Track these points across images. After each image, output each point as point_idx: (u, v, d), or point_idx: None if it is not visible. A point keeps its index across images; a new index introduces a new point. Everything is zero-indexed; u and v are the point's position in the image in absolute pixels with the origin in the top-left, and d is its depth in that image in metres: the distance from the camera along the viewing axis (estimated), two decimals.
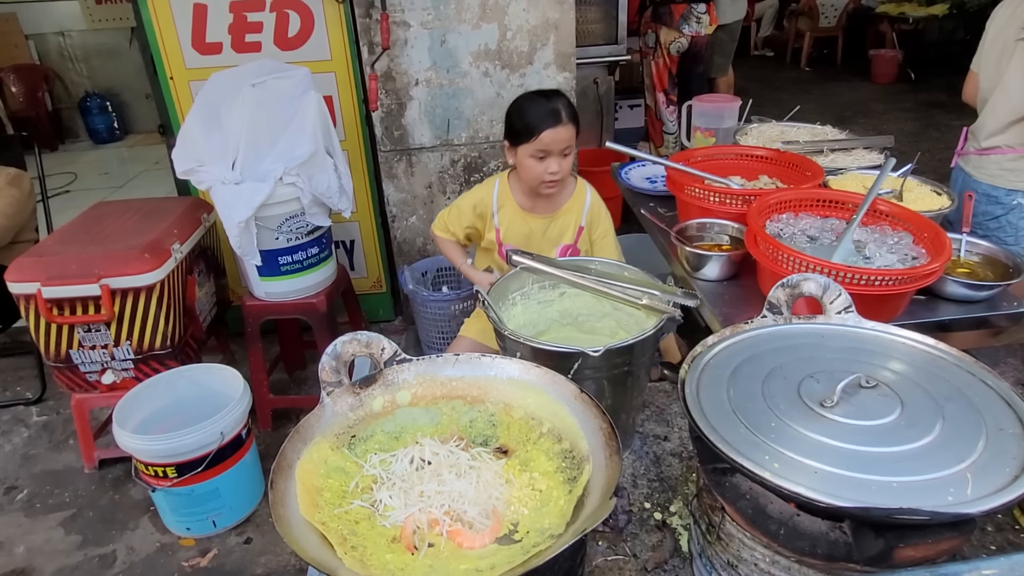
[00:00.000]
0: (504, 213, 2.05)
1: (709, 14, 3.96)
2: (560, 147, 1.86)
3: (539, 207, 2.05)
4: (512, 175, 2.07)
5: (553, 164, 1.88)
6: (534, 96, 1.95)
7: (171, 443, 1.87)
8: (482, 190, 2.09)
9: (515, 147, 1.92)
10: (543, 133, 1.84)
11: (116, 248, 2.14)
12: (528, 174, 1.92)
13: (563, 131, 1.85)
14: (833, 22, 8.25)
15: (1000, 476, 0.90)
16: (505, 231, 2.05)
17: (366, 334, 1.17)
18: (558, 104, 1.87)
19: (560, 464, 1.07)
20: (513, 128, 1.92)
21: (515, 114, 1.93)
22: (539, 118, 1.85)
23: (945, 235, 1.55)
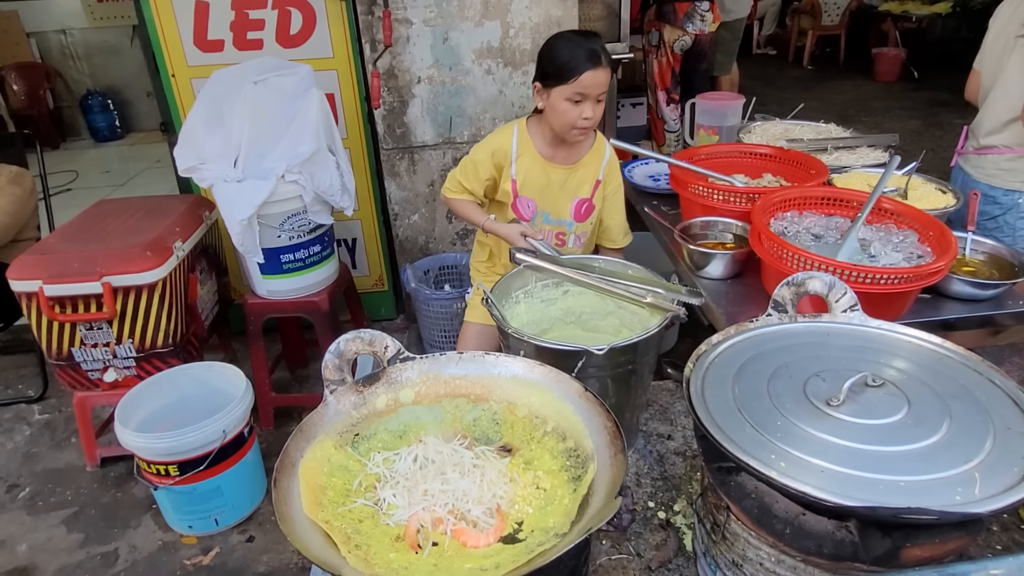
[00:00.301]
0: (523, 162, 1.93)
1: (713, 12, 3.95)
2: (597, 91, 1.77)
3: (560, 156, 1.94)
4: (533, 121, 1.95)
5: (588, 109, 1.78)
6: (572, 35, 1.84)
7: (173, 441, 1.87)
8: (500, 137, 1.95)
9: (548, 89, 1.81)
10: (583, 75, 1.73)
11: (118, 246, 2.14)
12: (561, 119, 1.81)
13: (602, 74, 1.75)
14: (836, 20, 8.23)
15: (1008, 475, 0.90)
16: (522, 181, 1.94)
17: (369, 332, 1.16)
18: (597, 46, 1.76)
19: (564, 463, 1.06)
20: (548, 68, 1.80)
21: (551, 53, 1.80)
22: (579, 59, 1.74)
23: (951, 233, 1.54)
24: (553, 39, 1.84)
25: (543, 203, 1.98)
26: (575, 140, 1.89)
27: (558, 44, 1.81)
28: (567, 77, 1.75)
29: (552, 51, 1.80)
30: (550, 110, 1.83)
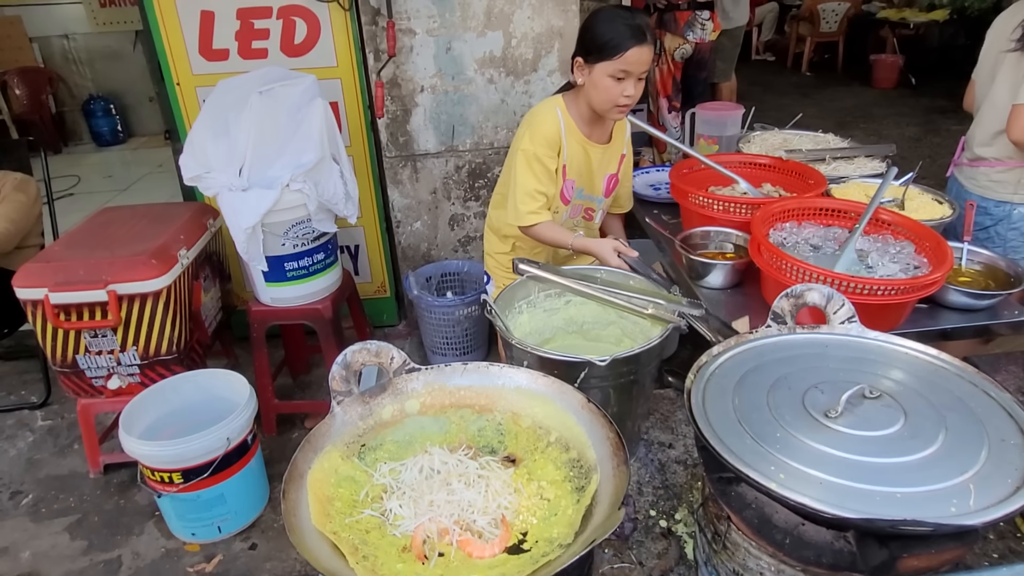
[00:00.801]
0: (569, 143, 1.87)
1: (713, 21, 3.98)
2: (641, 69, 1.73)
3: (596, 134, 1.91)
4: (569, 98, 1.89)
5: (630, 87, 1.74)
6: (618, 10, 1.77)
7: (177, 449, 1.89)
8: (546, 122, 1.85)
9: (591, 65, 1.75)
10: (629, 51, 1.69)
11: (123, 254, 2.15)
12: (602, 96, 1.76)
13: (647, 51, 1.72)
14: (834, 27, 8.27)
15: (1002, 487, 0.92)
16: (569, 164, 1.88)
17: (375, 343, 1.18)
18: (642, 22, 1.72)
19: (568, 473, 1.08)
20: (593, 43, 1.74)
21: (597, 29, 1.74)
22: (625, 35, 1.69)
23: (946, 245, 1.56)
24: (597, 13, 1.78)
25: (580, 181, 1.95)
26: (615, 118, 1.86)
27: (603, 19, 1.75)
28: (612, 53, 1.71)
29: (597, 26, 1.75)
30: (592, 86, 1.78)
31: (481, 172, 2.90)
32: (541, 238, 1.89)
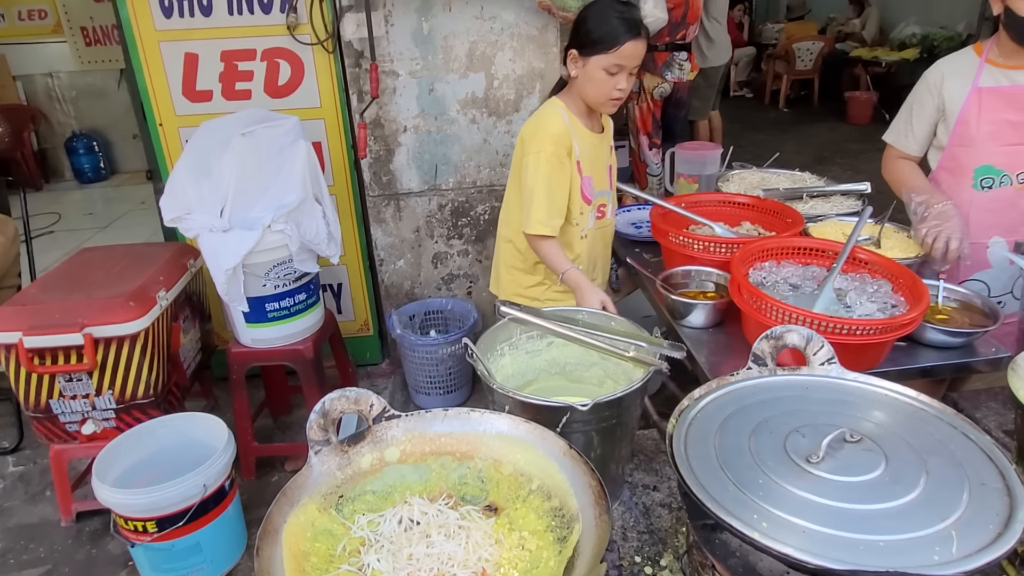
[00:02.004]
0: (579, 139, 1.85)
1: (690, 61, 4.08)
2: (635, 63, 1.74)
3: (595, 125, 1.91)
4: (566, 95, 1.88)
5: (623, 80, 1.75)
6: (612, 3, 1.76)
7: (151, 497, 1.84)
8: (553, 122, 1.81)
9: (586, 58, 1.75)
10: (625, 45, 1.69)
11: (100, 296, 2.13)
12: (596, 89, 1.77)
13: (641, 45, 1.72)
14: (809, 65, 8.52)
15: (984, 533, 0.91)
16: (582, 158, 1.86)
17: (355, 390, 1.17)
18: (637, 15, 1.73)
19: (550, 523, 1.06)
20: (588, 36, 1.73)
21: (592, 21, 1.73)
22: (621, 28, 1.69)
23: (922, 283, 1.58)
24: (593, 8, 1.78)
25: (593, 175, 1.93)
26: (607, 111, 1.86)
27: (598, 12, 1.74)
28: (609, 46, 1.70)
29: (593, 18, 1.74)
30: (586, 79, 1.78)
31: (464, 211, 2.91)
32: (541, 252, 1.87)
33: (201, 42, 2.62)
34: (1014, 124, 1.85)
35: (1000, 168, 1.90)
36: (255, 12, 2.61)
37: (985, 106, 1.87)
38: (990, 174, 1.91)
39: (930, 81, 1.98)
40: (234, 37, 2.63)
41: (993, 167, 1.90)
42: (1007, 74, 1.84)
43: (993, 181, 1.92)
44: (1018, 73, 1.83)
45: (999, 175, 1.91)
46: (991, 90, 1.86)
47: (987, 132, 1.88)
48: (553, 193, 1.81)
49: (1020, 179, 1.90)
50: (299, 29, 2.61)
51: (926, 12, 7.88)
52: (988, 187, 1.93)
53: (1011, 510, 0.95)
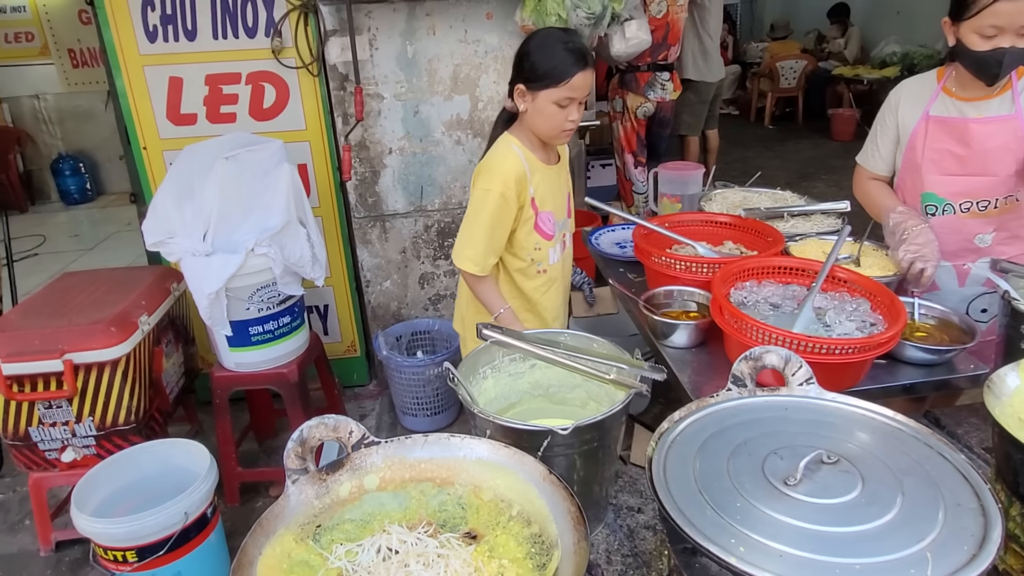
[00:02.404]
0: (534, 176, 1.81)
1: (673, 81, 4.13)
2: (585, 93, 1.71)
3: (551, 156, 1.89)
4: (518, 130, 1.84)
5: (574, 111, 1.72)
6: (556, 33, 1.73)
7: (132, 526, 1.81)
8: (506, 161, 1.77)
9: (534, 92, 1.71)
10: (574, 77, 1.66)
11: (81, 321, 2.11)
12: (548, 123, 1.74)
13: (590, 75, 1.70)
14: (793, 83, 8.64)
15: (959, 555, 0.91)
16: (538, 195, 1.83)
17: (334, 418, 1.16)
18: (582, 45, 1.69)
19: (529, 549, 1.06)
20: (534, 70, 1.69)
21: (537, 55, 1.69)
22: (569, 60, 1.65)
23: (900, 302, 1.60)
24: (535, 39, 1.74)
25: (554, 209, 1.91)
26: (559, 143, 1.85)
27: (544, 46, 1.70)
28: (558, 80, 1.67)
29: (537, 52, 1.70)
30: (536, 114, 1.74)
31: (450, 231, 2.92)
32: (474, 288, 1.86)
33: (186, 66, 2.63)
34: (956, 156, 1.85)
35: (942, 197, 1.91)
36: (240, 36, 2.62)
37: (931, 134, 1.87)
38: (933, 201, 1.93)
39: (892, 102, 2.00)
40: (219, 61, 2.64)
41: (936, 195, 1.92)
42: (957, 105, 1.84)
43: (936, 208, 1.93)
44: (967, 105, 1.82)
45: (941, 203, 1.92)
46: (938, 119, 1.86)
47: (930, 160, 1.89)
48: (493, 234, 1.79)
49: (963, 208, 1.90)
50: (284, 53, 2.63)
51: (906, 31, 8.03)
52: (932, 214, 1.94)
53: (985, 530, 0.95)
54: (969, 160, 1.84)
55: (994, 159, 1.81)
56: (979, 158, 1.82)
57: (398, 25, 2.61)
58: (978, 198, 1.89)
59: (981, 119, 1.80)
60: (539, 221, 1.87)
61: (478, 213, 1.78)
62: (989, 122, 1.80)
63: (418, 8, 2.59)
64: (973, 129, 1.81)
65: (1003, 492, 1.28)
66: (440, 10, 2.61)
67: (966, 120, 1.82)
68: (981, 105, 1.81)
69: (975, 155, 1.82)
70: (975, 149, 1.82)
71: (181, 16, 2.58)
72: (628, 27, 3.28)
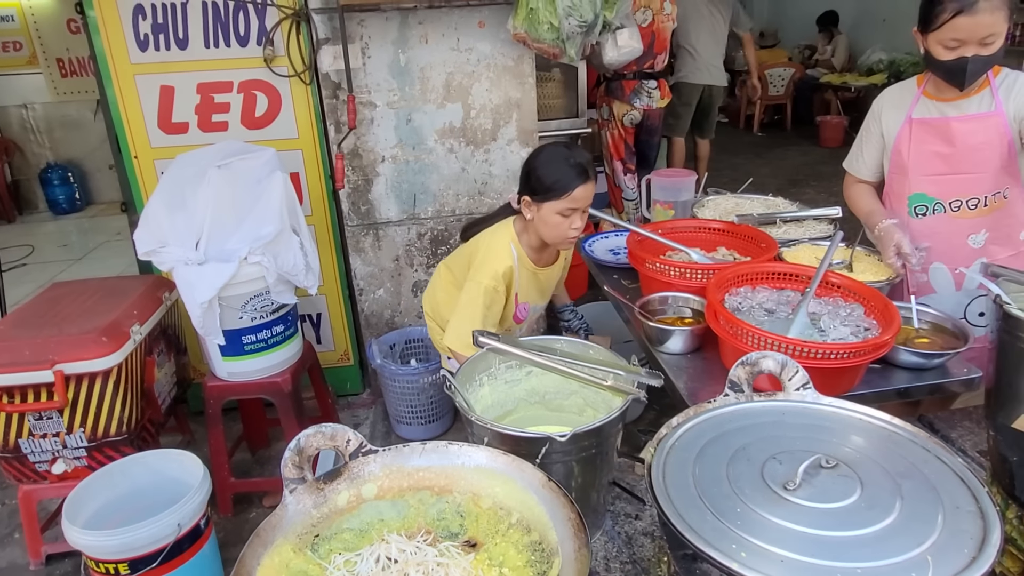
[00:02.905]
0: (521, 275, 1.99)
1: (660, 89, 4.16)
2: (587, 203, 1.86)
3: (545, 258, 2.05)
4: (521, 228, 2.00)
5: (577, 220, 1.87)
6: (559, 150, 1.89)
7: (124, 538, 1.78)
8: (500, 258, 1.95)
9: (539, 203, 1.87)
10: (576, 190, 1.81)
11: (72, 331, 2.08)
12: (553, 232, 1.89)
13: (591, 187, 1.85)
14: (781, 90, 8.71)
15: (959, 557, 0.92)
16: (521, 290, 2.01)
17: (331, 426, 1.16)
18: (583, 159, 1.85)
19: (529, 557, 1.05)
20: (539, 184, 1.85)
21: (541, 170, 1.86)
22: (570, 176, 1.81)
23: (893, 306, 1.61)
24: (541, 156, 1.90)
25: (532, 300, 2.10)
26: (565, 248, 2.00)
27: (547, 161, 1.86)
28: (560, 193, 1.82)
29: (542, 168, 1.86)
30: (541, 223, 1.90)
31: (443, 239, 2.92)
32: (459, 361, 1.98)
33: (177, 75, 2.62)
34: (942, 155, 1.90)
35: (932, 196, 1.95)
36: (232, 45, 2.62)
37: (915, 136, 1.93)
38: (923, 202, 1.97)
39: (875, 110, 2.06)
40: (210, 70, 2.63)
41: (925, 195, 1.96)
42: (938, 107, 1.90)
43: (926, 209, 1.98)
44: (947, 106, 1.88)
45: (931, 203, 1.96)
46: (921, 121, 1.92)
47: (917, 162, 1.94)
48: (485, 321, 1.92)
49: (953, 207, 1.94)
50: (276, 61, 2.63)
51: (892, 39, 8.12)
52: (922, 214, 1.99)
53: (985, 533, 0.95)
54: (955, 158, 1.89)
55: (979, 156, 1.86)
56: (964, 155, 1.87)
57: (390, 33, 2.61)
58: (967, 196, 1.92)
59: (962, 117, 1.86)
60: (517, 311, 2.04)
61: (472, 303, 1.92)
62: (970, 120, 1.85)
63: (410, 17, 2.60)
64: (955, 128, 1.86)
65: (999, 495, 1.29)
66: (432, 19, 2.62)
67: (947, 120, 1.87)
68: (961, 104, 1.87)
69: (960, 153, 1.87)
70: (959, 147, 1.87)
71: (172, 25, 2.57)
72: (620, 35, 3.31)
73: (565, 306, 2.32)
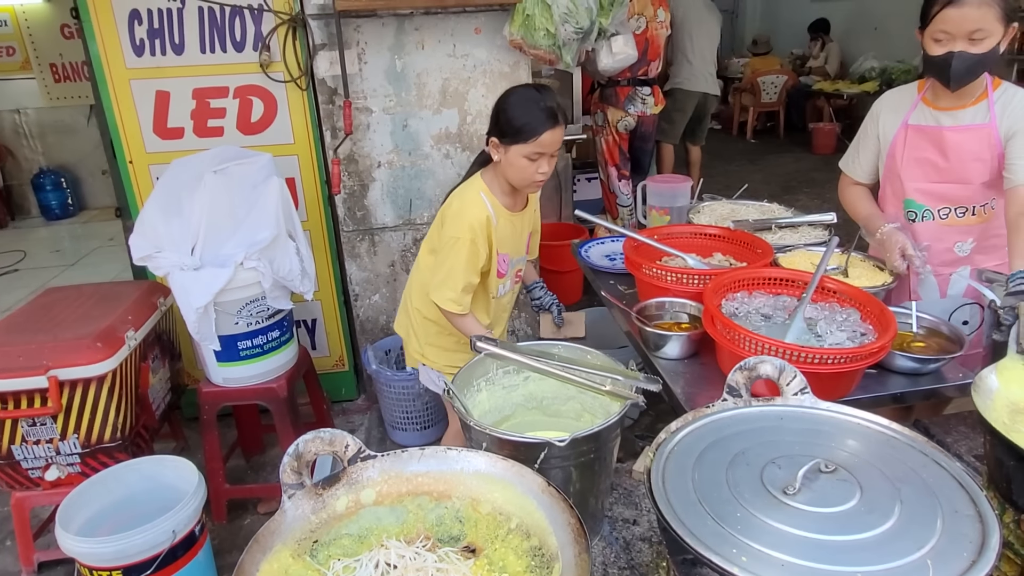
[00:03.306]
0: (499, 223, 1.95)
1: (655, 95, 4.19)
2: (554, 148, 1.82)
3: (518, 203, 2.01)
4: (488, 176, 1.96)
5: (544, 164, 1.84)
6: (529, 92, 1.85)
7: (117, 545, 1.77)
8: (473, 208, 1.90)
9: (507, 146, 1.83)
10: (543, 135, 1.78)
11: (66, 337, 2.07)
12: (519, 174, 1.86)
13: (559, 132, 1.81)
14: (774, 98, 8.77)
15: (958, 561, 0.92)
16: (499, 240, 1.96)
17: (329, 431, 1.15)
18: (552, 103, 1.81)
19: (529, 563, 1.05)
20: (508, 126, 1.82)
21: (509, 113, 1.82)
22: (539, 119, 1.78)
23: (889, 311, 1.62)
24: (510, 97, 1.86)
25: (510, 251, 2.04)
26: (531, 192, 1.98)
27: (516, 103, 1.83)
28: (527, 136, 1.79)
29: (511, 109, 1.83)
30: (508, 166, 1.87)
31: None
32: (456, 323, 1.97)
33: (173, 80, 2.61)
34: (933, 163, 1.93)
35: (921, 203, 1.99)
36: (228, 50, 2.62)
37: (909, 142, 1.96)
38: (913, 208, 2.01)
39: (873, 112, 2.09)
40: (206, 75, 2.63)
41: (915, 201, 2.00)
42: (934, 114, 1.92)
43: (916, 215, 2.01)
44: (944, 114, 1.90)
45: (921, 209, 2.00)
46: (916, 127, 1.94)
47: (909, 168, 1.97)
48: (468, 276, 1.90)
49: (941, 215, 1.97)
50: (272, 67, 2.63)
51: (883, 47, 8.20)
52: (913, 220, 2.02)
53: (984, 537, 0.96)
54: (946, 167, 1.92)
55: (970, 167, 1.89)
56: (956, 166, 1.90)
57: (387, 39, 2.62)
58: (956, 204, 1.95)
59: (955, 127, 1.88)
60: (499, 261, 2.00)
61: (452, 257, 1.88)
62: (963, 130, 1.87)
63: (407, 23, 2.61)
64: (948, 137, 1.89)
65: (995, 499, 1.30)
66: (429, 25, 2.62)
67: (941, 128, 1.90)
68: (957, 114, 1.89)
69: (951, 162, 1.91)
70: (951, 157, 1.90)
71: (168, 30, 2.57)
72: (615, 42, 3.33)
73: (535, 283, 2.25)
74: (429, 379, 1.53)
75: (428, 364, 2.13)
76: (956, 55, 1.74)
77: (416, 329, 2.16)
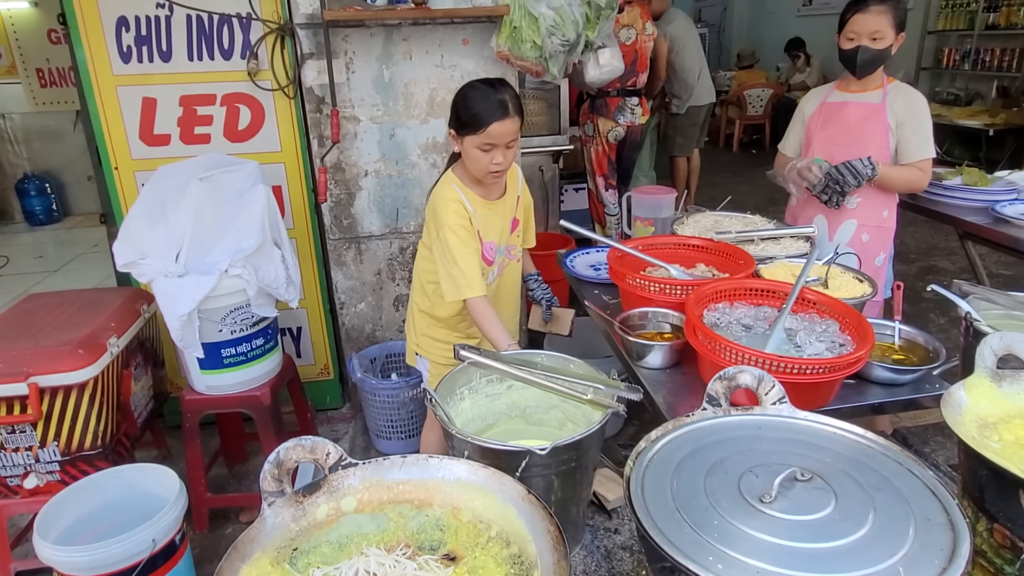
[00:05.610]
0: (476, 211, 1.98)
1: (642, 106, 4.24)
2: (506, 140, 1.86)
3: (493, 191, 2.04)
4: (460, 169, 2.02)
5: (498, 155, 1.87)
6: (481, 86, 1.90)
7: (96, 554, 1.75)
8: (449, 201, 1.95)
9: (461, 137, 1.90)
10: (491, 126, 1.82)
11: (48, 343, 2.06)
12: (475, 165, 1.90)
13: (509, 124, 1.84)
14: (760, 110, 8.88)
15: (930, 568, 0.94)
16: (481, 228, 1.99)
17: (310, 439, 1.15)
18: (505, 96, 1.85)
19: (509, 570, 1.05)
20: (460, 118, 1.89)
21: (462, 104, 1.89)
22: (487, 111, 1.82)
23: (867, 323, 1.64)
24: (465, 89, 1.92)
25: (496, 239, 2.07)
26: (490, 183, 1.99)
27: (469, 95, 1.88)
28: (477, 127, 1.84)
29: (464, 101, 1.88)
30: (465, 156, 1.93)
31: None
32: (481, 321, 1.92)
33: (160, 87, 2.61)
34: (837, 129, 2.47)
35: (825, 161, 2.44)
36: (215, 58, 2.62)
37: (824, 115, 2.53)
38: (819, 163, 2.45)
39: (801, 103, 2.69)
40: (194, 82, 2.63)
41: (820, 159, 2.46)
42: (843, 96, 2.51)
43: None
44: (850, 96, 2.49)
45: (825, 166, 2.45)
46: (829, 104, 2.53)
47: (820, 133, 2.52)
48: (470, 259, 1.92)
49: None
50: (260, 75, 2.63)
51: None
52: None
53: (955, 544, 0.98)
54: (846, 132, 2.45)
55: (862, 135, 2.42)
56: (853, 132, 2.43)
57: (375, 49, 2.63)
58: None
59: (857, 103, 2.46)
60: (484, 249, 2.02)
61: (454, 249, 1.91)
62: (861, 106, 2.45)
63: (395, 33, 2.62)
64: (849, 108, 2.46)
65: (970, 508, 1.32)
66: (417, 35, 2.64)
67: (847, 103, 2.48)
68: (860, 96, 2.46)
69: (849, 128, 2.44)
70: (851, 124, 2.44)
71: (156, 37, 2.57)
72: (602, 54, 3.37)
73: (530, 275, 2.29)
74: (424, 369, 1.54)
75: (422, 354, 2.18)
76: (861, 48, 2.31)
77: (414, 321, 2.22)
